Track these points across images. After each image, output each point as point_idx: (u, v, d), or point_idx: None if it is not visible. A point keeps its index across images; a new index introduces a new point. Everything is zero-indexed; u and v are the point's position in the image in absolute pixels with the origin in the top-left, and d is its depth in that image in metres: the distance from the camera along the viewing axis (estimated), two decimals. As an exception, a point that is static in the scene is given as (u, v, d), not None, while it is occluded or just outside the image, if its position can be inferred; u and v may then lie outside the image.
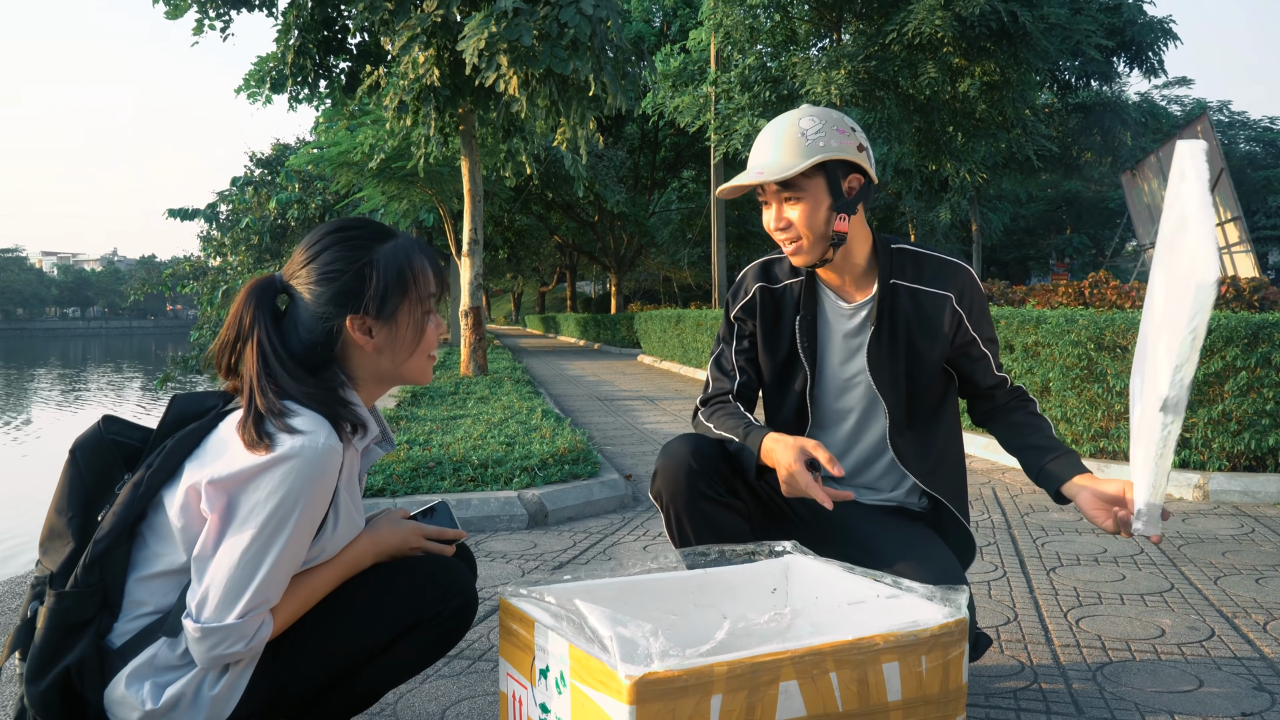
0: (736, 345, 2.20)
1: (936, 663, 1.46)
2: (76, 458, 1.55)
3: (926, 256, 2.09)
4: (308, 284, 1.55)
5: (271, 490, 1.41)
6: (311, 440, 1.43)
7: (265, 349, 1.51)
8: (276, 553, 1.41)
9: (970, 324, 2.07)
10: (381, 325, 1.56)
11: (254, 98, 9.96)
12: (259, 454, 1.42)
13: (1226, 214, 17.27)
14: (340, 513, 1.57)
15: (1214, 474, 4.41)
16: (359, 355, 1.58)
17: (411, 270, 1.58)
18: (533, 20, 7.81)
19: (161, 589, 1.48)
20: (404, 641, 1.63)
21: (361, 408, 1.58)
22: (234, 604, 1.40)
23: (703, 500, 2.00)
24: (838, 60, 14.34)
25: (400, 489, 4.17)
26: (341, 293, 1.54)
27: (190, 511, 1.45)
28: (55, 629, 1.44)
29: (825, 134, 1.95)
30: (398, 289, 1.56)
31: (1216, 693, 2.11)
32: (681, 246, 29.41)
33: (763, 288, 2.17)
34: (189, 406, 1.60)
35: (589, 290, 51.54)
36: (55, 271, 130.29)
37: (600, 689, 1.31)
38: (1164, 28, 19.71)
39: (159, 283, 24.34)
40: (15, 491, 9.66)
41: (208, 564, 1.42)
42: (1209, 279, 1.49)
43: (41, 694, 1.42)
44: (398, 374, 1.62)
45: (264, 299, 1.56)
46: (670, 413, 8.75)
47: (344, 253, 1.56)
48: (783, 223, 1.98)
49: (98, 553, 1.46)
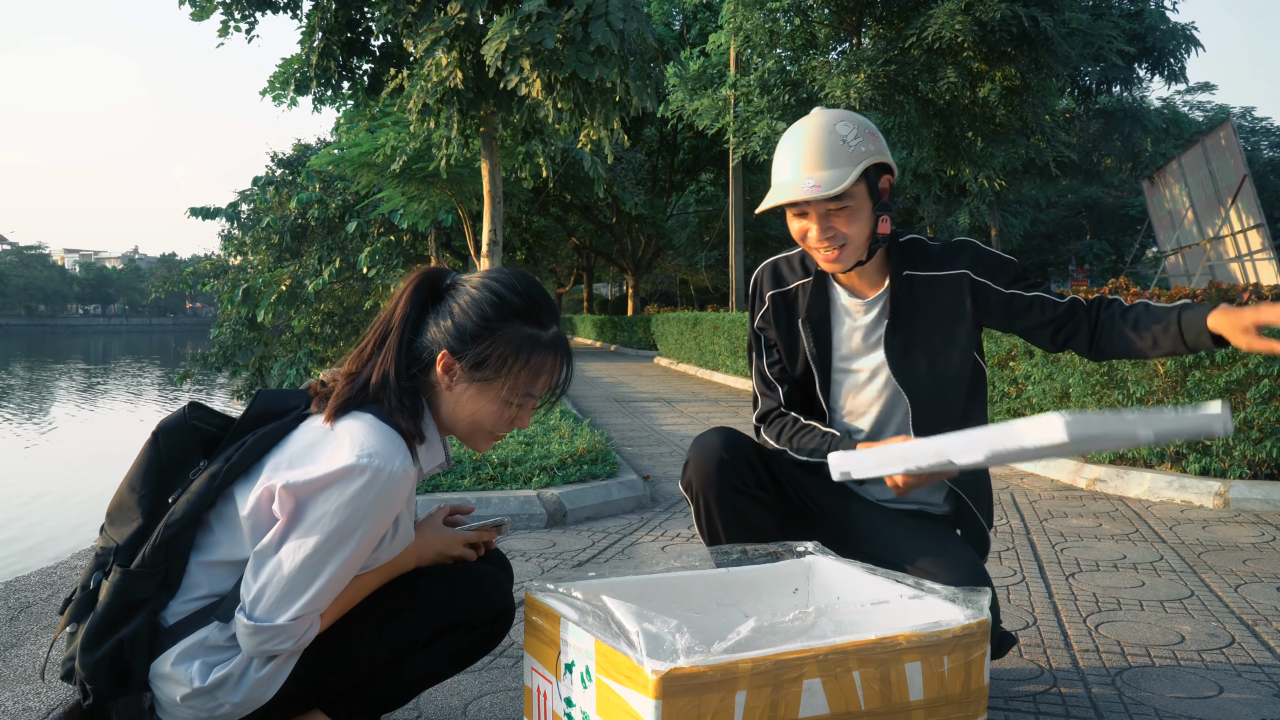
0: (767, 357, 2.21)
1: (958, 663, 1.47)
2: (158, 439, 1.59)
3: (931, 244, 2.10)
4: (457, 303, 1.59)
5: (342, 504, 1.44)
6: (387, 462, 1.45)
7: (399, 336, 1.57)
8: (336, 565, 1.45)
9: (999, 284, 2.03)
10: (465, 381, 1.58)
11: (279, 100, 10.03)
12: (331, 459, 1.45)
13: (1249, 221, 17.12)
14: (399, 527, 1.61)
15: (1235, 482, 4.39)
16: (437, 390, 1.61)
17: (526, 361, 1.58)
18: (556, 24, 7.84)
19: (220, 575, 1.52)
20: (441, 643, 1.67)
21: (433, 432, 1.61)
22: (288, 607, 1.44)
23: (732, 491, 2.01)
24: (857, 64, 14.32)
25: (420, 486, 4.20)
26: (459, 331, 1.57)
27: (261, 510, 1.49)
28: (116, 604, 1.48)
29: (863, 139, 1.95)
30: (498, 366, 1.57)
31: (1237, 699, 2.11)
32: (699, 249, 29.40)
33: (774, 295, 2.18)
34: (273, 404, 1.64)
35: (606, 292, 51.53)
36: (77, 269, 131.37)
37: (626, 684, 1.33)
38: (1186, 34, 19.58)
39: (179, 281, 24.48)
40: (37, 485, 9.76)
41: (267, 561, 1.45)
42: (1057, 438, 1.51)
43: (94, 663, 1.47)
44: (455, 430, 1.64)
45: (422, 291, 1.61)
46: (687, 415, 8.76)
47: (489, 308, 1.58)
48: (830, 233, 1.96)
49: (167, 536, 1.50)
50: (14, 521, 7.99)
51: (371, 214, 18.75)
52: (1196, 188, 18.99)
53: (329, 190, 22.83)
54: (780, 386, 2.18)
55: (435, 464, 1.64)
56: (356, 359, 1.60)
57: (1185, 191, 19.49)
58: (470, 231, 14.92)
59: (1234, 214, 17.47)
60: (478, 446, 1.67)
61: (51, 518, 8.07)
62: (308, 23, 9.95)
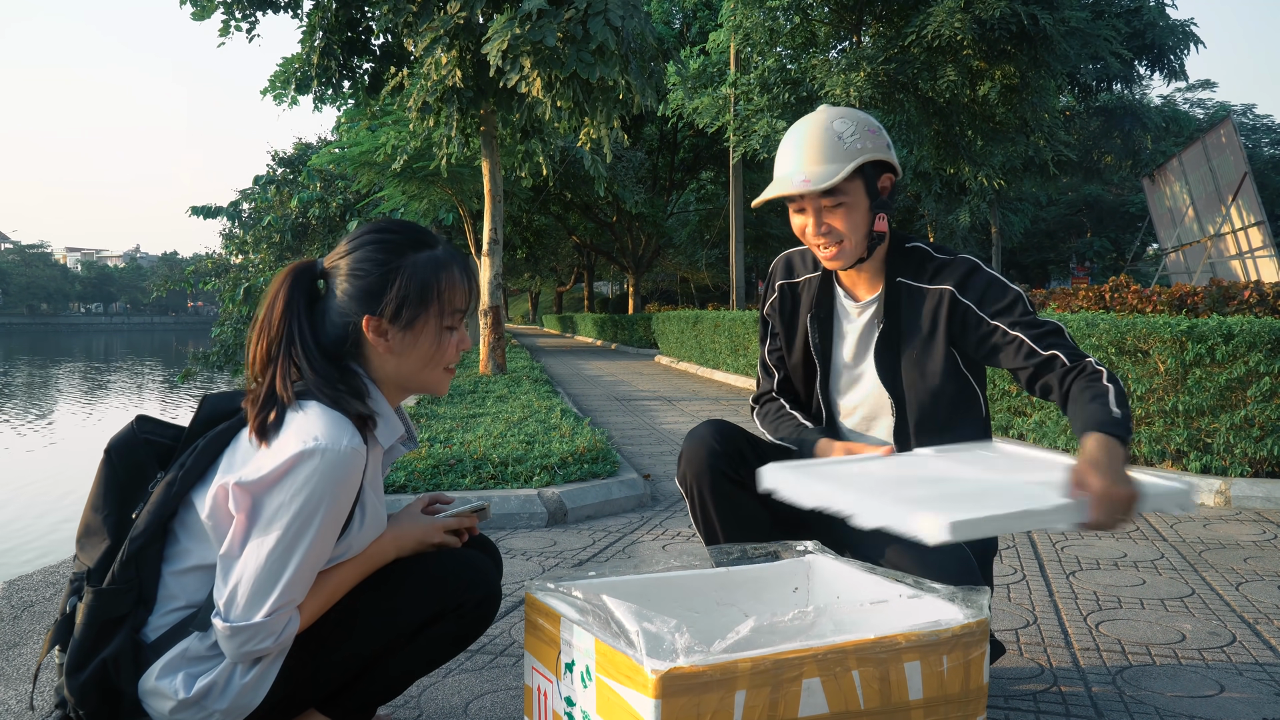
0: (770, 343, 2.28)
1: (958, 662, 1.47)
2: (112, 457, 1.59)
3: (931, 255, 2.07)
4: (341, 276, 1.58)
5: (295, 492, 1.43)
6: (334, 442, 1.45)
7: (294, 333, 1.54)
8: (302, 553, 1.44)
9: (984, 311, 1.97)
10: (398, 331, 1.57)
11: (280, 99, 10.05)
12: (279, 451, 1.45)
13: (1250, 218, 17.13)
14: (366, 511, 1.60)
15: (1236, 479, 4.39)
16: (377, 357, 1.59)
17: (438, 283, 1.58)
18: (556, 22, 7.84)
19: (193, 584, 1.52)
20: (427, 633, 1.66)
21: (385, 406, 1.60)
22: (262, 603, 1.43)
23: (725, 481, 2.01)
24: (857, 62, 14.32)
25: (421, 485, 4.20)
26: (364, 291, 1.56)
27: (219, 511, 1.49)
28: (93, 624, 1.48)
29: (860, 136, 1.95)
30: (418, 299, 1.57)
31: (1238, 698, 2.11)
32: (699, 247, 29.41)
33: (783, 285, 2.23)
34: (220, 406, 1.63)
35: (606, 290, 51.56)
36: (79, 267, 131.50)
37: (626, 683, 1.33)
38: (1185, 31, 19.58)
39: (181, 279, 24.55)
40: (45, 484, 9.77)
41: (234, 563, 1.45)
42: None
43: (80, 685, 1.47)
44: (413, 382, 1.63)
45: (300, 283, 1.58)
46: (688, 413, 8.76)
47: (376, 254, 1.57)
48: (824, 228, 1.97)
49: (133, 550, 1.50)
50: (14, 520, 8.00)
51: (372, 212, 18.75)
52: (1197, 185, 18.99)
53: (330, 189, 22.86)
54: (776, 373, 2.27)
55: (395, 437, 1.62)
56: (254, 373, 1.56)
57: (1186, 189, 19.49)
58: (471, 230, 14.92)
59: (1235, 211, 17.47)
60: (439, 388, 1.64)
61: (51, 514, 8.08)
62: (308, 22, 9.97)
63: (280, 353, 1.53)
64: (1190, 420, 4.58)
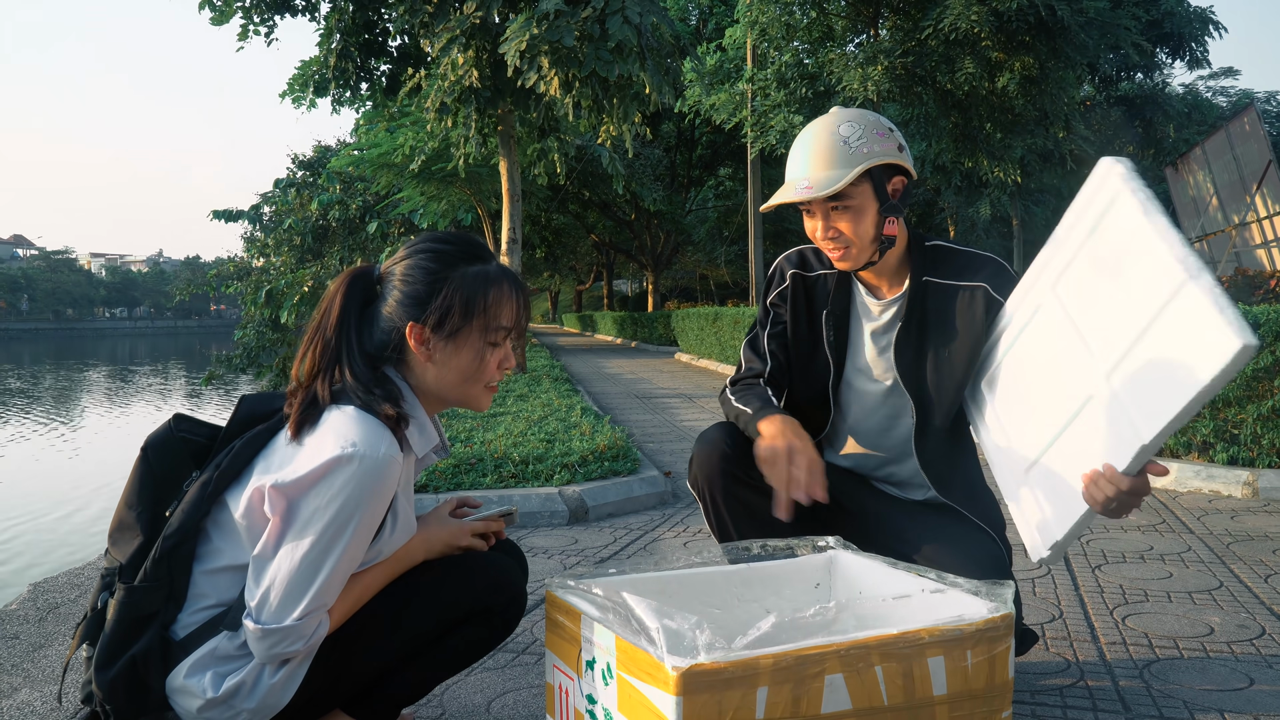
0: (770, 330, 2.19)
1: (982, 657, 1.46)
2: (148, 455, 1.60)
3: (958, 252, 2.06)
4: (394, 282, 1.59)
5: (332, 497, 1.44)
6: (372, 449, 1.45)
7: (345, 340, 1.56)
8: (335, 558, 1.45)
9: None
10: (439, 341, 1.57)
11: (298, 102, 10.11)
12: (315, 454, 1.46)
13: (1275, 206, 16.90)
14: (398, 516, 1.61)
15: (1264, 470, 4.33)
16: (419, 366, 1.60)
17: (484, 297, 1.58)
18: (574, 22, 7.85)
19: (224, 583, 1.53)
20: (454, 635, 1.67)
21: (421, 415, 1.61)
22: (294, 606, 1.44)
23: (736, 483, 2.00)
24: (874, 56, 14.23)
25: (443, 485, 4.22)
26: (411, 299, 1.57)
27: (254, 513, 1.50)
28: (124, 621, 1.49)
29: (866, 140, 1.93)
30: (463, 310, 1.57)
31: (1268, 691, 2.09)
32: (718, 244, 29.36)
33: (797, 275, 2.16)
34: (257, 407, 1.64)
35: (626, 288, 51.57)
36: (103, 273, 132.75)
37: (647, 680, 1.33)
38: (1205, 17, 19.34)
39: (203, 283, 24.73)
40: (69, 488, 9.87)
41: (267, 565, 1.46)
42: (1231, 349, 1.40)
43: (109, 681, 1.48)
44: (452, 395, 1.63)
45: (355, 288, 1.60)
46: (708, 410, 8.75)
47: (428, 262, 1.58)
48: (831, 232, 1.96)
49: (166, 548, 1.51)
50: (38, 521, 8.09)
51: (391, 214, 18.84)
52: (1220, 174, 18.75)
53: (349, 191, 22.97)
54: (770, 361, 2.16)
55: (429, 446, 1.63)
56: (300, 372, 1.57)
57: (1209, 178, 19.24)
58: (489, 230, 14.96)
59: (1260, 200, 17.25)
60: (479, 404, 1.64)
61: (75, 516, 8.16)
62: (325, 25, 10.02)
63: (329, 357, 1.55)
64: (1217, 411, 4.53)
